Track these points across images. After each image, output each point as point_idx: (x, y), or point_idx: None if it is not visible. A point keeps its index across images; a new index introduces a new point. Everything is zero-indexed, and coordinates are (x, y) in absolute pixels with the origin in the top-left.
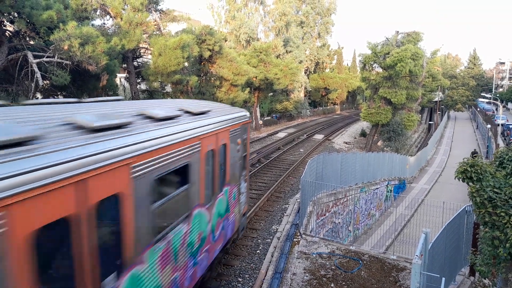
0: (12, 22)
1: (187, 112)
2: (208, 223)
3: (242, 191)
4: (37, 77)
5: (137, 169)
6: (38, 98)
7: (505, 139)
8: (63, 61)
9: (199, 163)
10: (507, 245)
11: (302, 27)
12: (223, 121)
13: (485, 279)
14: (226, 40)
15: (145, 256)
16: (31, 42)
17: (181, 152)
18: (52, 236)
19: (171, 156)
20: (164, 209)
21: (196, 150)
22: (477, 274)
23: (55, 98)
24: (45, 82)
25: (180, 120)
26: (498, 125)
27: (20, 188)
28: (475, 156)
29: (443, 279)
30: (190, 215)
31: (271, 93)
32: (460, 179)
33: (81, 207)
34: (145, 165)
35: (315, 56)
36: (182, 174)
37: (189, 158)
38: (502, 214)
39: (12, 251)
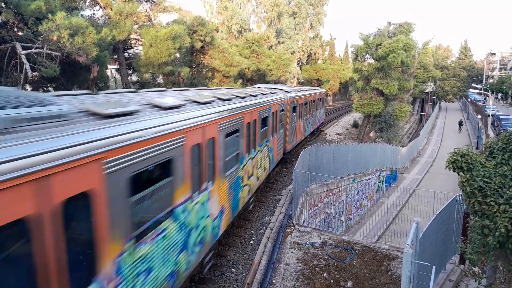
0: None
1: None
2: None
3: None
4: (26, 69)
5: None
6: (27, 90)
7: (495, 129)
8: (52, 52)
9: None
10: (496, 233)
11: (294, 18)
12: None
13: (474, 267)
14: (218, 31)
15: None
16: (19, 33)
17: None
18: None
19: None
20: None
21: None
22: (467, 262)
23: (45, 90)
24: (34, 73)
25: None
26: (489, 115)
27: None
28: (461, 125)
29: (434, 267)
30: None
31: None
32: (451, 169)
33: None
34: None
35: (307, 47)
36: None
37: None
38: (492, 203)
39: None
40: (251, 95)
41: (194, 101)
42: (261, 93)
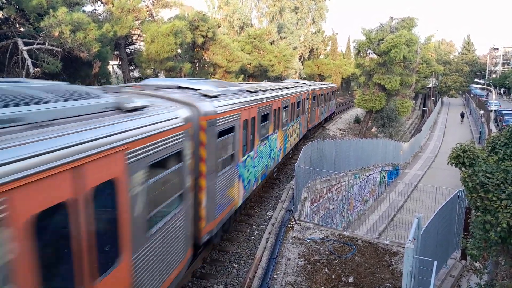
0: (1, 8)
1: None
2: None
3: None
4: (27, 65)
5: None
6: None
7: (497, 124)
8: (54, 48)
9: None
10: (498, 229)
11: (296, 13)
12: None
13: (476, 262)
14: (219, 26)
15: None
16: (21, 29)
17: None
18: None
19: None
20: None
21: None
22: (468, 257)
23: None
24: (36, 69)
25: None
26: (491, 111)
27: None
28: (463, 117)
29: (435, 262)
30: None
31: (266, 80)
32: (453, 165)
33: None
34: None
35: (309, 43)
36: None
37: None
38: (494, 198)
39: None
40: (291, 86)
41: (271, 89)
42: (295, 86)
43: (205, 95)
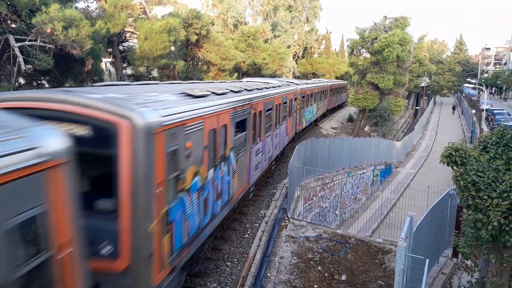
0: None
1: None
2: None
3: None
4: (19, 61)
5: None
6: (20, 83)
7: (489, 124)
8: (46, 45)
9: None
10: (489, 227)
11: (290, 11)
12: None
13: (467, 260)
14: (213, 24)
15: None
16: (13, 25)
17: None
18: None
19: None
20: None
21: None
22: (460, 255)
23: (38, 83)
24: (27, 66)
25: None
26: (483, 110)
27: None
28: (454, 109)
29: (427, 260)
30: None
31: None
32: (445, 163)
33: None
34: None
35: (303, 41)
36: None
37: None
38: (485, 197)
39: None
40: (322, 82)
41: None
42: (324, 80)
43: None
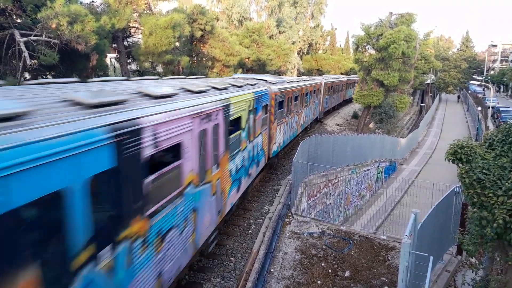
0: None
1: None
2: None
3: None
4: (24, 56)
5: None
6: (26, 78)
7: (495, 121)
8: (51, 40)
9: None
10: (494, 225)
11: (295, 7)
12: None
13: (472, 258)
14: (218, 20)
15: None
16: (18, 20)
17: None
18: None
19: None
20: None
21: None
22: (464, 253)
23: (43, 78)
24: (33, 61)
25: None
26: (489, 107)
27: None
28: (459, 98)
29: (431, 258)
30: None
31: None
32: (450, 161)
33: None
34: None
35: (308, 37)
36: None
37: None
38: (490, 195)
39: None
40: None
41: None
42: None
43: None
